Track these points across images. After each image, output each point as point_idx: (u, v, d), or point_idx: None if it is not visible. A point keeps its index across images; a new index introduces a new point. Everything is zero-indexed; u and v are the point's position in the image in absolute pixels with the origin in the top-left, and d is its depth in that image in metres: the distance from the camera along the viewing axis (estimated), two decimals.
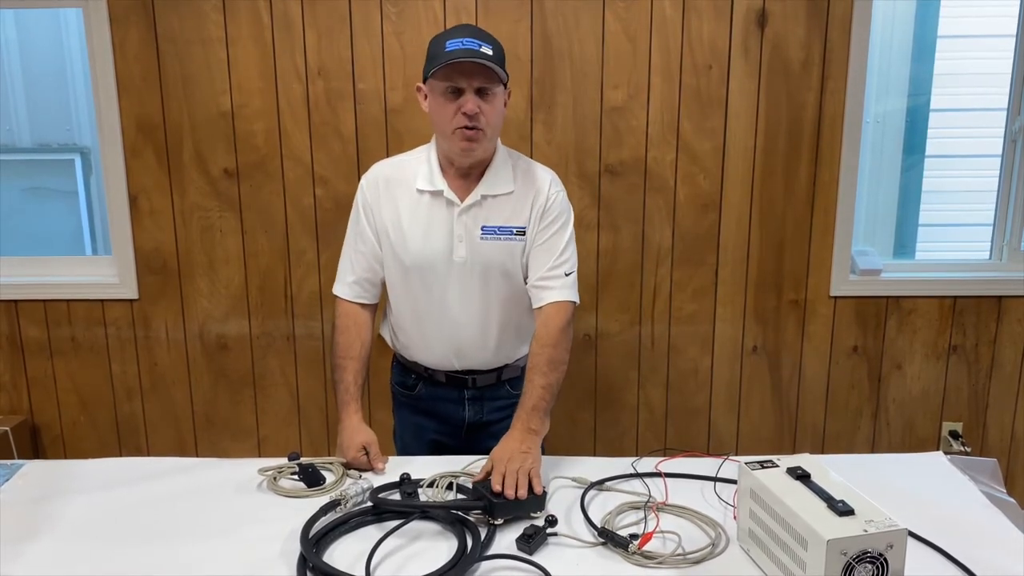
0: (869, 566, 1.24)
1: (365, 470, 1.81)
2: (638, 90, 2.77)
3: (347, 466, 1.81)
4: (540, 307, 1.88)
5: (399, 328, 2.03)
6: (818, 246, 2.89)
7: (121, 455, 3.03)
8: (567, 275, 1.90)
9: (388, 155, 2.77)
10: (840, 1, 2.71)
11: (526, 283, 1.94)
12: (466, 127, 1.77)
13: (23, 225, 3.26)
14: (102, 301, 2.96)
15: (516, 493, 1.58)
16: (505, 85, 1.82)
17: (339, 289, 2.01)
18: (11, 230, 3.18)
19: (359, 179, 2.84)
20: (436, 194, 1.88)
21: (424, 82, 1.83)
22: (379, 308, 2.08)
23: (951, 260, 3.08)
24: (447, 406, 2.04)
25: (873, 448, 3.06)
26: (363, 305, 2.00)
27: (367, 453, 1.82)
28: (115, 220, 2.89)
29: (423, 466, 1.82)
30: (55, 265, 3.03)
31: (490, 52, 1.74)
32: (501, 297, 1.94)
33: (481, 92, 1.76)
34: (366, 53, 2.75)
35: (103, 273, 2.98)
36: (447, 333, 1.96)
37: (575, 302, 1.91)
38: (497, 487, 1.60)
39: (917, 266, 3.06)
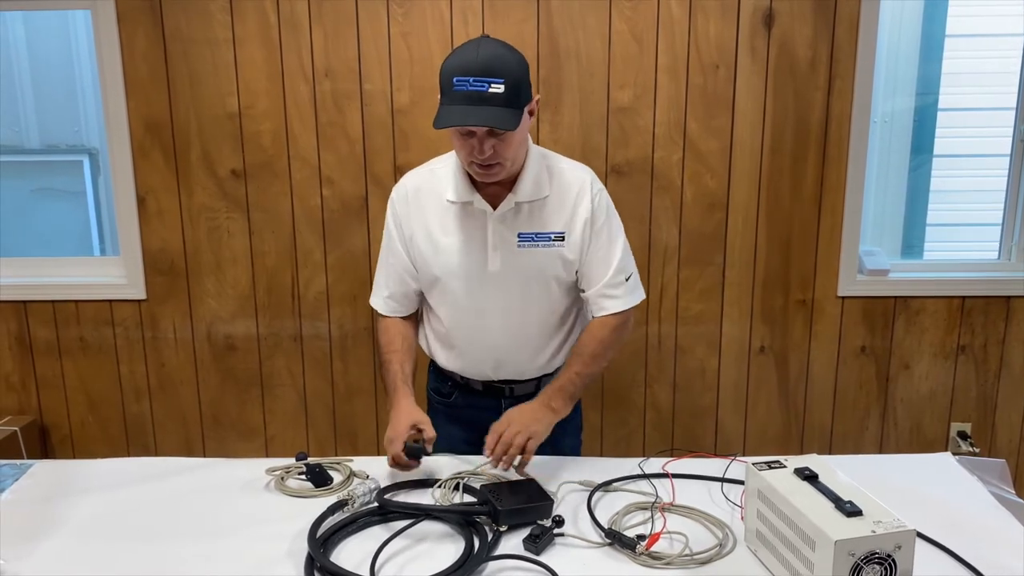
0: (877, 567, 1.24)
1: (405, 467, 1.73)
2: (645, 90, 2.77)
3: (393, 454, 1.73)
4: (601, 316, 1.88)
5: (435, 336, 1.98)
6: (825, 246, 2.89)
7: (129, 455, 3.04)
8: (627, 280, 1.88)
9: (394, 156, 2.79)
10: (847, 0, 2.70)
11: (582, 292, 1.90)
12: (480, 164, 1.71)
13: (31, 226, 3.27)
14: (110, 301, 2.97)
15: (500, 465, 1.68)
16: (527, 105, 1.71)
17: (375, 302, 1.97)
18: (20, 231, 3.20)
19: (366, 180, 2.86)
20: (466, 204, 1.81)
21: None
22: None
23: (959, 260, 3.07)
24: (483, 415, 1.92)
25: (881, 449, 3.05)
26: (401, 317, 1.97)
27: (419, 436, 1.74)
28: (123, 221, 2.90)
29: (439, 465, 1.82)
30: (63, 266, 3.04)
31: (500, 89, 1.61)
32: (540, 306, 1.88)
33: (493, 132, 1.67)
34: (373, 54, 2.75)
35: (111, 274, 2.99)
36: (484, 344, 1.90)
37: (640, 301, 1.92)
38: (488, 450, 1.69)
39: (925, 266, 3.05)
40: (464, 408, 1.99)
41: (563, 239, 1.82)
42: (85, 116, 3.20)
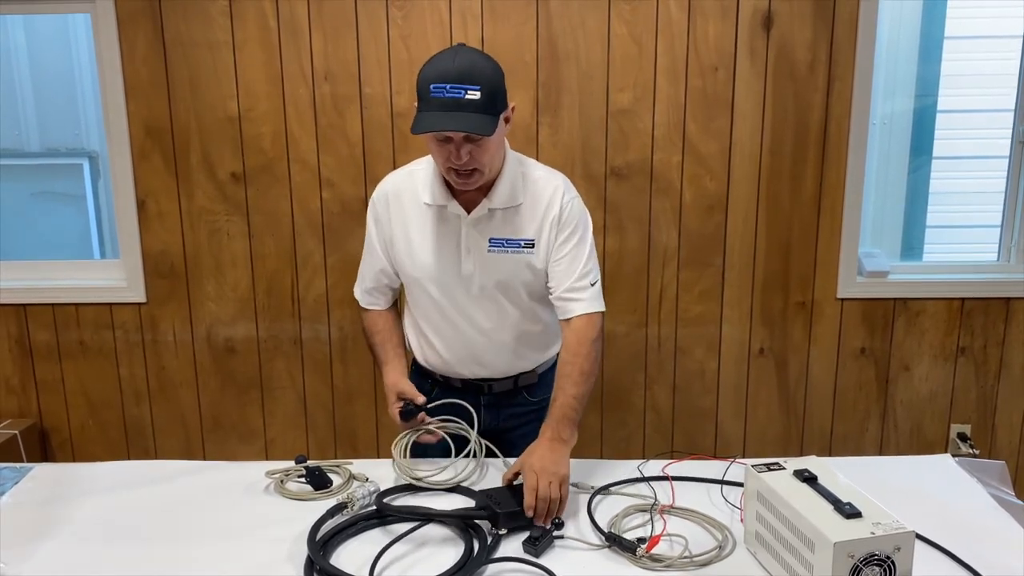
0: (876, 568, 1.24)
1: (412, 422, 1.84)
2: (644, 92, 2.77)
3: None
4: (569, 319, 1.84)
5: (415, 332, 2.03)
6: (825, 248, 2.89)
7: (129, 458, 3.03)
8: (592, 285, 1.86)
9: (394, 158, 2.79)
10: (846, 2, 2.70)
11: (549, 294, 1.89)
12: (458, 170, 1.73)
13: (32, 229, 3.27)
14: (110, 305, 2.97)
15: (548, 522, 1.57)
16: (503, 113, 1.74)
17: (357, 293, 2.05)
18: (20, 234, 3.20)
19: (365, 182, 2.86)
20: (442, 208, 1.85)
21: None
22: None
23: (959, 262, 3.07)
24: (464, 410, 1.98)
25: (881, 450, 3.05)
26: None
27: (407, 405, 1.83)
28: (123, 224, 2.90)
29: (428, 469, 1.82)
30: (63, 269, 3.04)
31: (476, 95, 1.64)
32: (512, 309, 1.91)
33: (469, 138, 1.69)
34: (372, 57, 2.75)
35: (111, 277, 3.00)
36: (460, 343, 1.94)
37: (603, 312, 1.88)
38: (530, 511, 1.57)
39: (925, 268, 3.05)
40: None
41: (533, 246, 1.85)
42: (85, 119, 3.20)
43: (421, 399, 1.85)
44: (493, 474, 1.81)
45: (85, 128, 3.21)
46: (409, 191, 1.90)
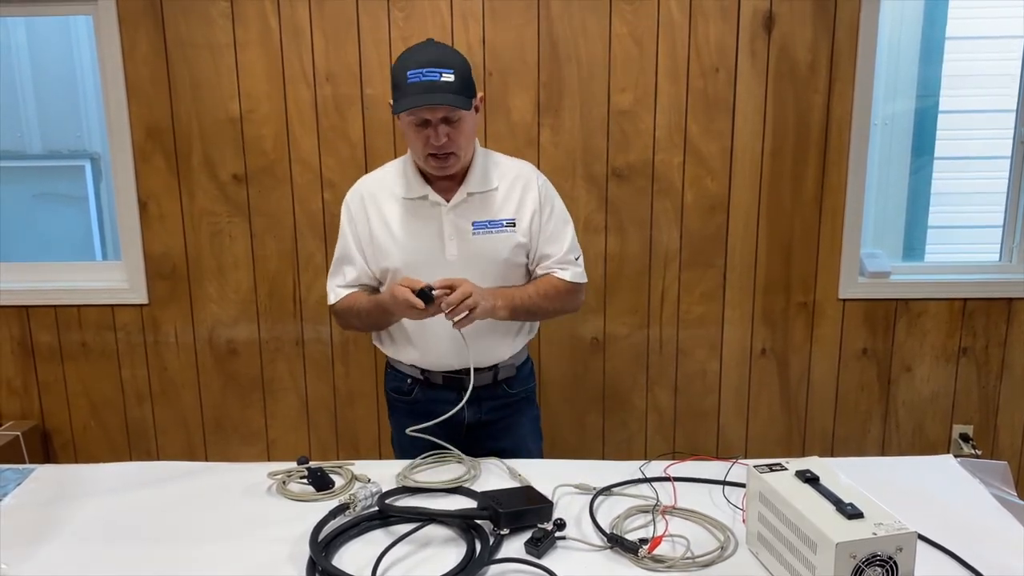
0: (879, 569, 1.24)
1: (425, 312, 1.80)
2: (645, 93, 2.77)
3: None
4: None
5: (394, 331, 2.03)
6: (826, 248, 2.89)
7: (131, 459, 3.05)
8: (576, 259, 2.02)
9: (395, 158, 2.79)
10: (847, 3, 2.71)
11: (533, 267, 2.01)
12: (436, 154, 1.85)
13: (34, 231, 3.28)
14: (112, 306, 2.97)
15: (446, 311, 1.76)
16: (473, 99, 1.86)
17: (331, 299, 2.04)
18: (22, 236, 3.20)
19: None
20: (421, 199, 1.93)
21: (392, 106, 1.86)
22: None
23: (960, 262, 3.07)
24: (445, 408, 1.95)
25: (883, 451, 3.05)
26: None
27: (419, 291, 1.80)
28: (125, 225, 2.91)
29: (422, 472, 1.82)
30: (65, 271, 3.05)
31: (451, 78, 1.78)
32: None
33: (447, 120, 1.82)
34: (374, 58, 2.76)
35: (113, 278, 3.00)
36: (444, 332, 1.93)
37: (585, 281, 2.05)
38: (441, 288, 1.76)
39: (926, 268, 3.05)
40: (425, 403, 2.03)
41: (514, 225, 1.96)
42: (87, 121, 3.21)
43: (422, 283, 1.80)
44: (493, 475, 1.81)
45: (87, 130, 3.22)
46: (384, 189, 1.98)
